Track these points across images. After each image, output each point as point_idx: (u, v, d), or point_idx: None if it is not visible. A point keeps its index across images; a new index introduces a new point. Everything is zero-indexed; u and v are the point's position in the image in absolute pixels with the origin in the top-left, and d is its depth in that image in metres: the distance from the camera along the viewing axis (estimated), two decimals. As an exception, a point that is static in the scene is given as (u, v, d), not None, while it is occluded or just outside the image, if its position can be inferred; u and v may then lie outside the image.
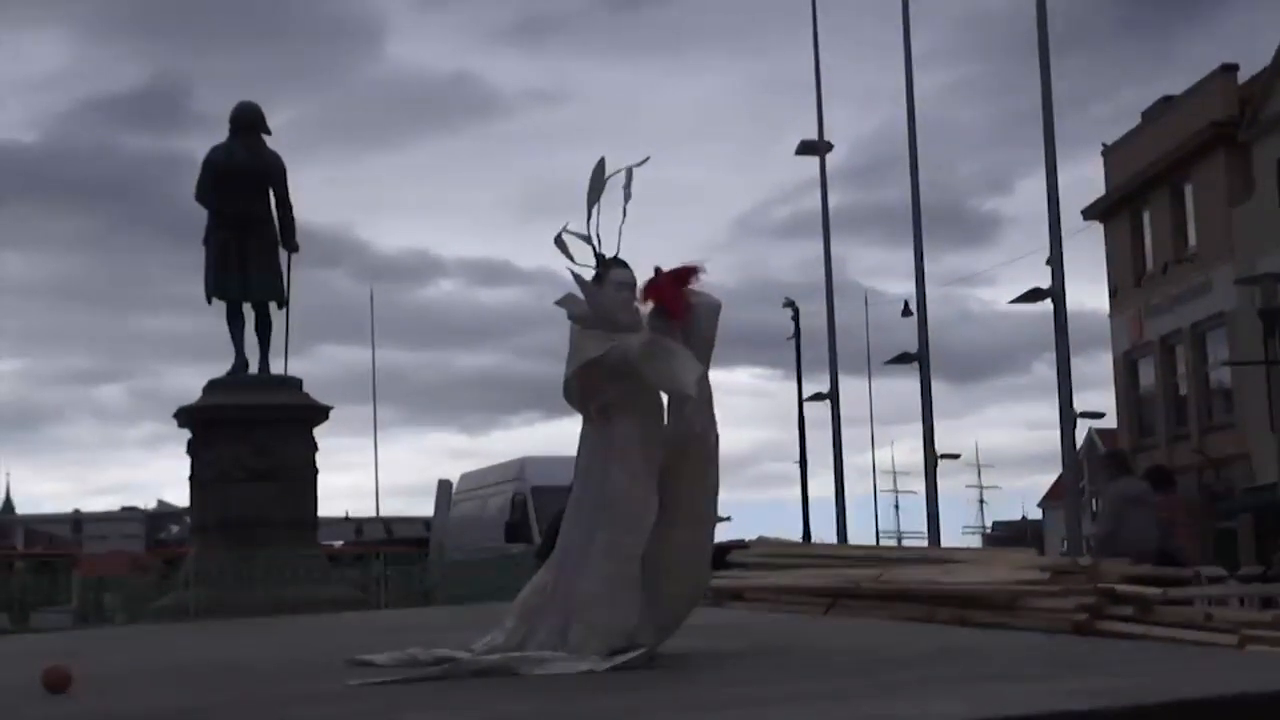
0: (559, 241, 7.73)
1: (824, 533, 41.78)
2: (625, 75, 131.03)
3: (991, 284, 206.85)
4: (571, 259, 7.76)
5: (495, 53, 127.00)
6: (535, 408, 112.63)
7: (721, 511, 8.76)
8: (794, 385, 45.27)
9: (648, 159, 7.86)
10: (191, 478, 22.60)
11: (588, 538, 7.63)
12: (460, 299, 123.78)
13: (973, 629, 9.28)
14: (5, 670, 9.89)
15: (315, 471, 22.65)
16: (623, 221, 7.76)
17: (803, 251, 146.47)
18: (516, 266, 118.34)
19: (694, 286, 7.79)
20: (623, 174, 7.80)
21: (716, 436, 7.84)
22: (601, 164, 7.80)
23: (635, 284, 7.81)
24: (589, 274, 7.77)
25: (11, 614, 27.21)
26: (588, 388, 7.72)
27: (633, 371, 7.52)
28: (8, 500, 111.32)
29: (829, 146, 35.80)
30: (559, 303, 7.80)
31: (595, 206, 7.78)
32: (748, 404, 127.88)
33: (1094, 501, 59.39)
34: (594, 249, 7.79)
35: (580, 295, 7.75)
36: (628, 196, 7.76)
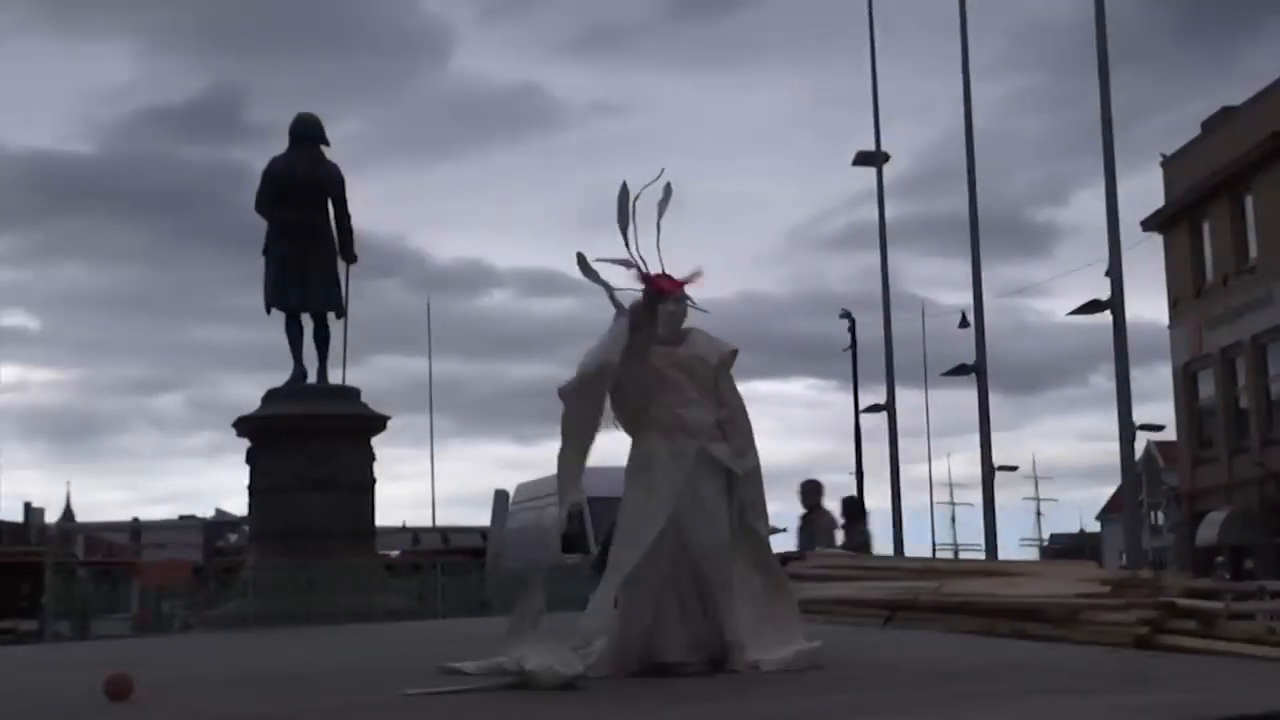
0: (583, 267, 7.71)
1: (880, 544, 41.63)
2: (688, 87, 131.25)
3: (1047, 295, 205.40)
4: (603, 284, 7.75)
5: (560, 64, 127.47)
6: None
7: (777, 523, 8.79)
8: (849, 396, 45.20)
9: (663, 171, 7.85)
10: (250, 487, 22.73)
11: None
12: (514, 309, 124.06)
13: (1032, 642, 9.23)
14: (68, 678, 9.95)
15: (373, 481, 22.75)
16: (659, 237, 7.78)
17: (859, 262, 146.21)
18: (569, 277, 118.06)
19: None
20: (660, 191, 7.78)
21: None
22: (625, 189, 7.78)
23: (685, 303, 7.84)
24: (633, 294, 7.80)
25: (72, 622, 27.36)
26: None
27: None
28: (68, 508, 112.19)
29: (886, 157, 35.75)
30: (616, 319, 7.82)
31: (630, 229, 7.78)
32: (803, 415, 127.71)
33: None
34: (640, 271, 7.78)
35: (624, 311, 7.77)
36: (661, 212, 7.75)
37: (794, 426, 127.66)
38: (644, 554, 7.44)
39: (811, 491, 18.27)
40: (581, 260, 7.68)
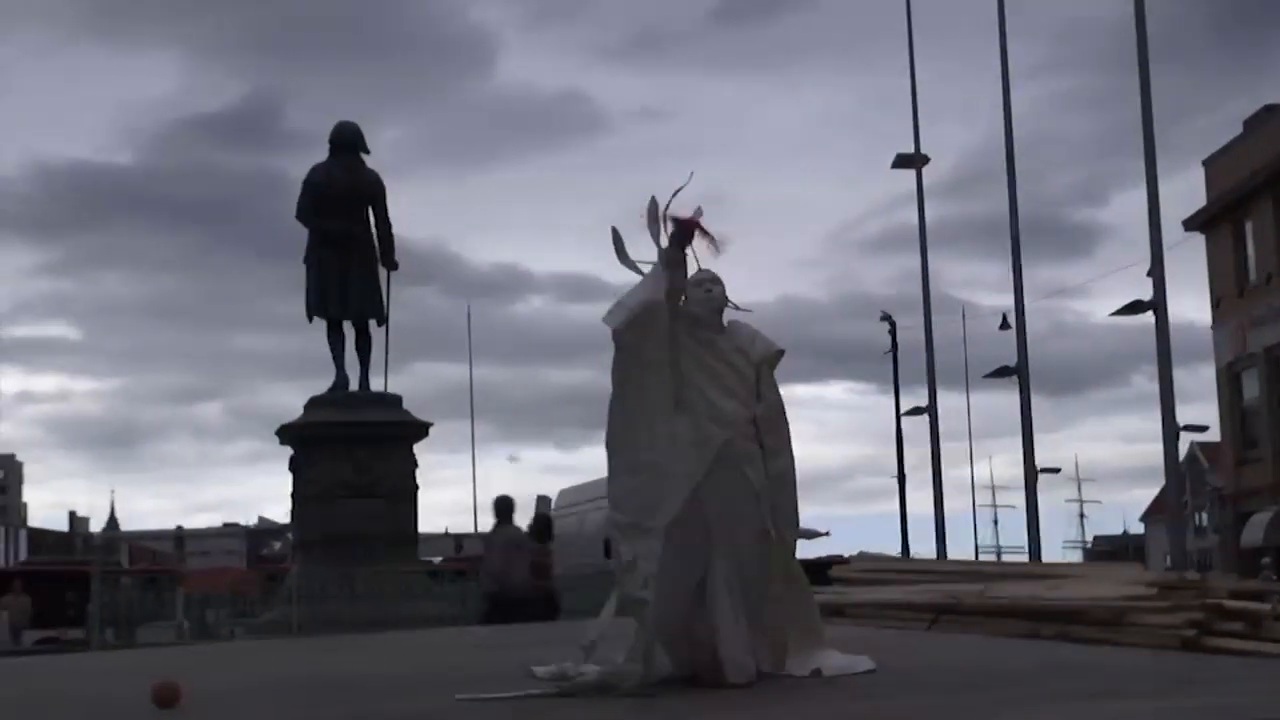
0: (618, 246, 7.55)
1: (923, 548, 41.60)
2: (731, 92, 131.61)
3: (1088, 296, 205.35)
4: (637, 269, 7.56)
5: (605, 70, 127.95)
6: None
7: (820, 526, 8.53)
8: (890, 399, 45.18)
9: (691, 175, 7.72)
10: (293, 494, 22.83)
11: None
12: (552, 315, 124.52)
13: (1078, 645, 9.19)
14: (114, 685, 10.01)
15: (416, 487, 22.83)
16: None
17: (898, 265, 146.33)
18: (605, 282, 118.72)
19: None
20: (690, 204, 7.65)
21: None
22: (653, 201, 7.64)
23: (717, 279, 7.68)
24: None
25: (118, 629, 27.52)
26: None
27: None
28: (112, 517, 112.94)
29: (925, 159, 35.66)
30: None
31: (663, 236, 7.62)
32: (843, 418, 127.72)
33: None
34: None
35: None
36: (696, 216, 7.61)
37: (834, 430, 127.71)
38: (660, 546, 7.11)
39: (495, 511, 18.98)
40: (616, 238, 7.50)
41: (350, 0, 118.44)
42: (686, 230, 7.46)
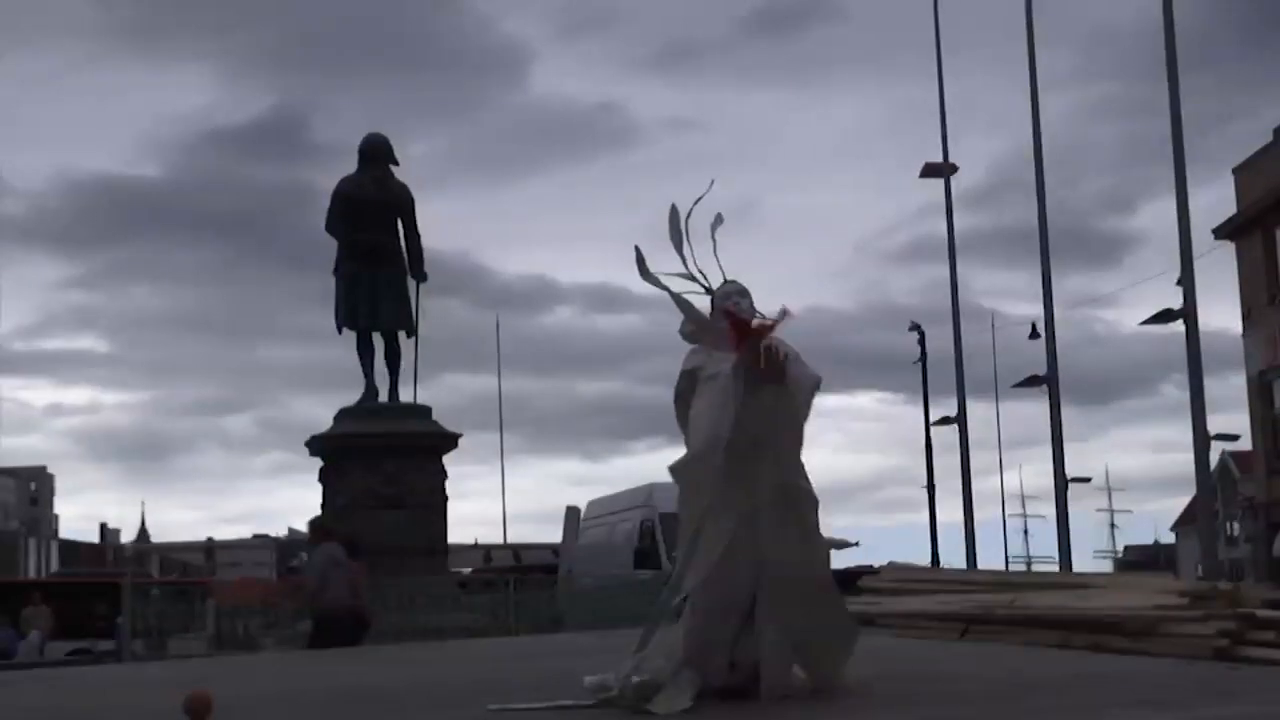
0: (641, 267, 7.54)
1: (952, 558, 41.47)
2: (762, 102, 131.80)
3: (1117, 305, 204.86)
4: (664, 286, 7.55)
5: (636, 81, 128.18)
6: (657, 433, 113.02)
7: (850, 536, 8.45)
8: (918, 409, 45.15)
9: (713, 183, 7.70)
10: (323, 505, 22.86)
11: None
12: (578, 325, 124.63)
13: (1110, 655, 9.18)
14: (146, 696, 10.04)
15: (445, 499, 22.84)
16: (715, 248, 7.62)
17: (925, 275, 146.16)
18: (633, 293, 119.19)
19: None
20: (711, 214, 7.61)
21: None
22: (674, 210, 7.63)
23: (745, 291, 7.66)
24: (695, 299, 7.63)
25: (149, 641, 27.58)
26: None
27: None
28: (143, 529, 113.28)
29: (954, 169, 35.59)
30: (681, 330, 7.68)
31: (685, 247, 7.61)
32: (872, 428, 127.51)
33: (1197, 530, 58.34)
34: (703, 285, 7.64)
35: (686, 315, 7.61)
36: (714, 230, 7.58)
37: (863, 440, 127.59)
38: (710, 571, 7.18)
39: (311, 530, 19.58)
40: (640, 259, 7.50)
41: (381, 12, 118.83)
42: (752, 335, 7.38)
